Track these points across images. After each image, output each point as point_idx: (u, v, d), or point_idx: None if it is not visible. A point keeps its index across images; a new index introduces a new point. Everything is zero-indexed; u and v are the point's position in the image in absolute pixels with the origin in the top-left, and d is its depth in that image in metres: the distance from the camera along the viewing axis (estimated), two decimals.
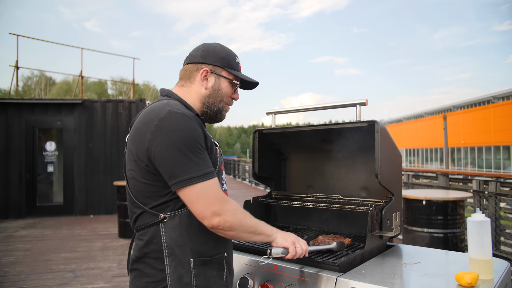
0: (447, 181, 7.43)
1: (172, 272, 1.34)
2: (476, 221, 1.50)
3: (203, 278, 1.37)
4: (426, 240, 4.46)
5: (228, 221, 1.29)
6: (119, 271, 5.24)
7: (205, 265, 1.38)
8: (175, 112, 1.31)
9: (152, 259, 1.37)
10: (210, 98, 1.52)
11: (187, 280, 1.34)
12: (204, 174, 1.28)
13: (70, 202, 10.14)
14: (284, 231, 1.50)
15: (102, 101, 10.57)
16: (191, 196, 1.27)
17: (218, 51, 1.54)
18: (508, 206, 5.40)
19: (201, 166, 1.28)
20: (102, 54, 50.53)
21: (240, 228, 1.33)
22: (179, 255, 1.35)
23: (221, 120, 1.61)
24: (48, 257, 5.99)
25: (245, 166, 21.37)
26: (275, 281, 1.63)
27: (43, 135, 10.24)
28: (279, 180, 2.58)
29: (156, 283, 1.35)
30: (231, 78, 1.55)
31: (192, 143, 1.28)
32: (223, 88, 1.54)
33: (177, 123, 1.28)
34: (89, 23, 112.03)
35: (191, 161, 1.27)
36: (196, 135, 1.31)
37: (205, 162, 1.31)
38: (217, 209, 1.27)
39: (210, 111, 1.54)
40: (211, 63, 1.51)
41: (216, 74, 1.52)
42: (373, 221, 1.73)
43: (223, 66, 1.53)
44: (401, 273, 1.56)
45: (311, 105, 2.13)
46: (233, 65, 1.56)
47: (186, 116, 1.31)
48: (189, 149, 1.27)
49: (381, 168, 1.75)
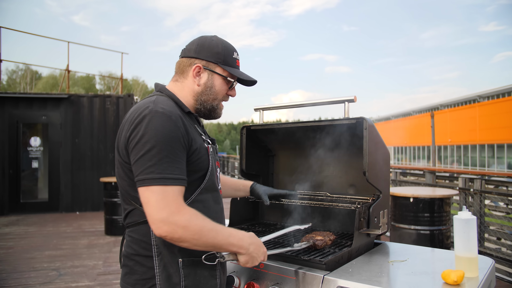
0: (434, 178, 7.50)
1: (161, 272, 1.32)
2: (463, 219, 1.50)
3: (193, 278, 1.35)
4: (413, 237, 4.50)
5: (178, 233, 1.19)
6: (105, 269, 5.17)
7: (195, 265, 1.36)
8: (156, 110, 1.26)
9: (141, 257, 1.35)
10: (203, 96, 1.47)
11: (176, 280, 1.32)
12: (162, 178, 1.21)
13: (56, 199, 9.98)
14: (258, 241, 1.41)
15: (89, 96, 10.42)
16: (144, 197, 1.22)
17: (213, 46, 1.47)
18: (493, 203, 5.48)
19: (163, 169, 1.22)
20: (90, 48, 50.00)
21: (194, 241, 1.22)
22: (168, 255, 1.33)
23: (216, 117, 1.55)
24: (32, 255, 5.88)
25: (235, 162, 21.33)
26: (261, 279, 1.61)
27: (28, 130, 10.04)
28: (267, 177, 2.56)
29: (145, 280, 1.34)
30: (226, 75, 1.48)
31: (163, 144, 1.23)
32: (217, 86, 1.47)
33: (153, 122, 1.24)
34: (77, 16, 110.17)
35: (155, 162, 1.21)
36: (171, 136, 1.24)
37: (171, 166, 1.23)
38: (165, 217, 1.18)
39: (203, 108, 1.49)
40: (204, 59, 1.45)
41: (209, 70, 1.46)
42: (361, 219, 1.72)
43: (218, 62, 1.46)
44: (388, 271, 1.55)
45: (300, 101, 2.11)
46: (228, 61, 1.48)
47: (166, 115, 1.26)
48: (157, 150, 1.22)
49: (369, 166, 1.74)
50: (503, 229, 5.13)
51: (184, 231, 1.20)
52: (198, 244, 1.24)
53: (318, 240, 1.75)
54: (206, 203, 1.42)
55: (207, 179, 1.41)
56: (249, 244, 1.36)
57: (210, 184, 1.43)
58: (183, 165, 1.28)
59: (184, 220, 1.20)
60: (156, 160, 1.22)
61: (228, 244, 1.30)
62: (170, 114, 1.28)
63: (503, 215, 5.24)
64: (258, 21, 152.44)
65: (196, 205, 1.36)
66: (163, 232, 1.19)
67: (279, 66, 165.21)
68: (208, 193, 1.43)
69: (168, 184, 1.21)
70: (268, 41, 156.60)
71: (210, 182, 1.43)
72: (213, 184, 1.45)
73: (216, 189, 1.48)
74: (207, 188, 1.42)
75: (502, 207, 5.30)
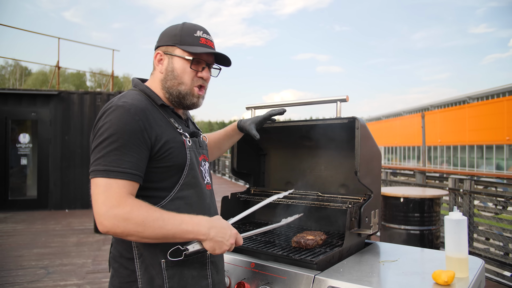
0: (424, 179, 7.55)
1: (142, 274, 1.29)
2: (454, 220, 1.50)
3: (179, 280, 1.31)
4: (403, 237, 4.52)
5: (119, 227, 1.13)
6: (94, 267, 5.12)
7: (182, 265, 1.31)
8: (117, 105, 1.24)
9: (124, 259, 1.32)
10: (167, 82, 1.40)
11: (159, 282, 1.28)
12: (106, 171, 1.16)
13: (45, 196, 9.85)
14: (221, 224, 1.30)
15: (79, 93, 10.29)
16: (91, 189, 1.18)
17: (172, 29, 1.41)
18: (482, 204, 5.54)
19: (110, 162, 1.17)
20: (81, 45, 49.46)
21: (140, 234, 1.15)
22: (149, 256, 1.29)
23: (192, 105, 1.44)
24: (19, 253, 5.79)
25: (225, 161, 21.29)
26: (252, 279, 1.60)
27: (17, 127, 9.89)
28: (258, 176, 2.55)
29: (129, 283, 1.30)
30: (184, 55, 1.38)
31: (115, 137, 1.19)
32: (178, 68, 1.38)
33: (111, 116, 1.22)
34: (68, 13, 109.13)
35: (103, 154, 1.18)
36: (126, 129, 1.20)
37: (120, 159, 1.18)
38: (105, 211, 1.13)
39: (171, 96, 1.41)
40: (164, 44, 1.40)
41: (169, 54, 1.39)
42: (352, 219, 1.72)
43: (175, 44, 1.38)
44: (378, 272, 1.55)
45: (291, 100, 2.10)
46: (187, 40, 1.37)
47: (125, 108, 1.23)
48: (108, 142, 1.19)
49: (361, 166, 1.73)
50: (492, 230, 5.18)
51: (126, 224, 1.13)
52: (146, 236, 1.16)
53: (309, 239, 1.75)
54: (188, 199, 1.36)
55: (185, 174, 1.34)
56: (209, 228, 1.25)
57: (191, 180, 1.37)
58: (137, 159, 1.21)
59: (124, 212, 1.13)
60: (104, 152, 1.18)
61: (182, 232, 1.20)
62: (130, 107, 1.24)
63: (491, 215, 5.30)
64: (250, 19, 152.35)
65: (177, 203, 1.32)
66: (105, 228, 1.14)
67: (271, 65, 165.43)
68: (191, 189, 1.36)
69: (111, 177, 1.16)
70: (260, 40, 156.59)
71: (191, 177, 1.36)
72: (195, 179, 1.38)
73: (200, 185, 1.41)
74: (188, 184, 1.36)
75: (491, 208, 5.35)
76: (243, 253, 1.76)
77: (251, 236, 1.60)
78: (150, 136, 1.26)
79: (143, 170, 1.24)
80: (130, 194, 1.19)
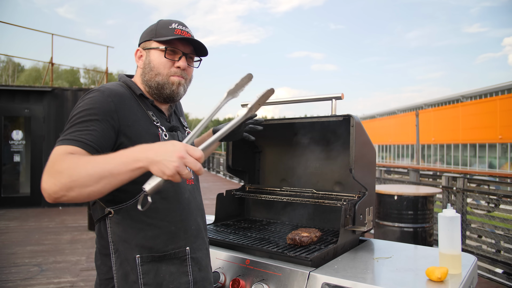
0: (417, 176, 7.60)
1: (117, 270, 1.27)
2: (447, 217, 1.52)
3: (155, 276, 1.28)
4: (396, 234, 4.55)
5: (56, 184, 1.02)
6: (87, 265, 5.10)
7: (158, 261, 1.29)
8: (92, 89, 1.29)
9: (103, 255, 1.31)
10: (146, 75, 1.40)
11: (133, 278, 1.26)
12: (63, 140, 1.14)
13: (38, 193, 9.76)
14: (162, 143, 1.08)
15: (73, 90, 10.23)
16: None
17: (150, 27, 1.44)
18: (475, 201, 5.58)
19: (69, 132, 1.16)
20: (74, 41, 48.93)
21: (77, 183, 1.02)
22: (123, 251, 1.27)
23: (172, 93, 1.40)
24: (12, 251, 5.76)
25: (220, 159, 21.26)
26: (247, 276, 1.60)
27: (10, 123, 9.81)
28: (253, 173, 2.55)
29: (107, 280, 1.29)
30: (159, 46, 1.38)
31: (83, 113, 1.20)
32: (153, 60, 1.39)
33: (85, 97, 1.26)
34: (61, 9, 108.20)
35: (67, 127, 1.18)
36: (95, 106, 1.21)
37: (78, 130, 1.15)
38: (44, 173, 1.05)
39: (150, 89, 1.40)
40: (142, 41, 1.43)
41: (146, 49, 1.41)
42: (346, 216, 1.72)
43: (151, 38, 1.40)
44: (373, 268, 1.56)
45: (286, 98, 2.11)
46: (162, 32, 1.38)
47: (100, 91, 1.27)
48: (75, 118, 1.19)
49: (355, 163, 1.74)
50: (484, 227, 5.23)
51: (60, 177, 1.02)
52: (83, 184, 1.02)
53: (304, 236, 1.75)
54: (164, 193, 1.32)
55: None
56: (146, 151, 1.05)
57: None
58: (100, 134, 1.18)
59: (58, 167, 1.04)
60: (68, 127, 1.19)
61: (120, 164, 1.04)
62: (105, 90, 1.28)
63: (484, 213, 5.35)
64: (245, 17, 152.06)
65: (153, 197, 1.20)
66: (45, 192, 1.04)
67: (265, 63, 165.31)
68: (167, 182, 1.25)
69: (63, 144, 1.12)
70: (255, 37, 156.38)
71: None
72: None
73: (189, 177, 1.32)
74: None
75: (483, 206, 5.40)
76: (238, 250, 1.76)
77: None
78: (120, 120, 1.25)
79: (102, 146, 1.18)
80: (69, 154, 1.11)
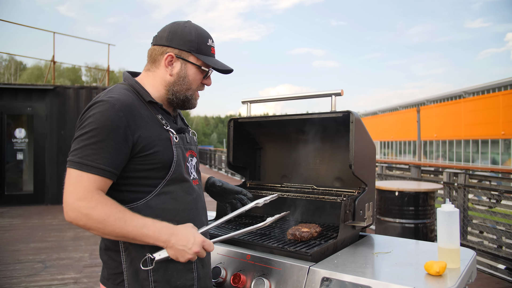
0: (419, 173, 7.60)
1: (128, 267, 1.31)
2: (446, 212, 1.53)
3: (164, 273, 1.32)
4: (397, 230, 4.57)
5: (82, 220, 1.17)
6: (91, 261, 5.14)
7: (167, 259, 1.31)
8: (101, 100, 1.26)
9: (112, 251, 1.34)
10: (176, 86, 1.40)
11: (143, 275, 1.30)
12: (80, 163, 1.19)
13: (41, 191, 9.83)
14: (185, 231, 1.26)
15: (75, 88, 10.25)
16: (65, 177, 1.21)
17: (186, 33, 1.38)
18: (476, 197, 5.59)
19: (86, 155, 1.19)
20: (76, 39, 49.18)
21: (100, 230, 1.18)
22: (134, 250, 1.30)
23: (191, 107, 1.48)
24: (16, 247, 5.80)
25: (221, 156, 21.32)
26: (248, 270, 1.62)
27: (12, 122, 9.85)
28: (254, 169, 2.57)
29: (116, 275, 1.33)
30: (200, 64, 1.40)
31: (95, 131, 1.20)
32: (190, 75, 1.40)
33: (95, 110, 1.24)
34: (62, 7, 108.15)
35: (81, 146, 1.21)
36: (108, 124, 1.21)
37: (96, 154, 1.19)
38: (71, 202, 1.17)
39: (176, 99, 1.42)
40: (177, 47, 1.37)
41: (182, 59, 1.38)
42: (346, 211, 1.74)
43: (191, 51, 1.38)
44: (372, 263, 1.58)
45: (286, 94, 2.12)
46: (203, 49, 1.40)
47: (110, 104, 1.24)
48: (88, 136, 1.21)
49: (355, 159, 1.75)
50: (486, 223, 5.24)
51: (88, 219, 1.17)
52: (106, 233, 1.20)
53: (304, 232, 1.77)
54: (174, 194, 1.36)
55: (172, 171, 1.34)
56: (170, 235, 1.24)
57: (177, 175, 1.36)
58: (114, 156, 1.22)
59: (87, 207, 1.16)
60: (83, 144, 1.21)
61: (141, 235, 1.21)
62: (115, 102, 1.24)
63: (485, 209, 5.35)
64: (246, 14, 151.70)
65: (163, 197, 1.33)
66: (69, 218, 1.18)
67: (267, 60, 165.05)
68: (176, 184, 1.37)
69: (84, 170, 1.19)
70: (256, 34, 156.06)
71: (177, 173, 1.36)
72: (181, 174, 1.37)
73: (186, 180, 1.40)
74: (174, 179, 1.36)
75: (485, 201, 5.41)
76: (239, 245, 1.78)
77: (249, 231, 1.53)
78: (133, 133, 1.26)
79: (118, 167, 1.24)
80: (99, 190, 1.20)
